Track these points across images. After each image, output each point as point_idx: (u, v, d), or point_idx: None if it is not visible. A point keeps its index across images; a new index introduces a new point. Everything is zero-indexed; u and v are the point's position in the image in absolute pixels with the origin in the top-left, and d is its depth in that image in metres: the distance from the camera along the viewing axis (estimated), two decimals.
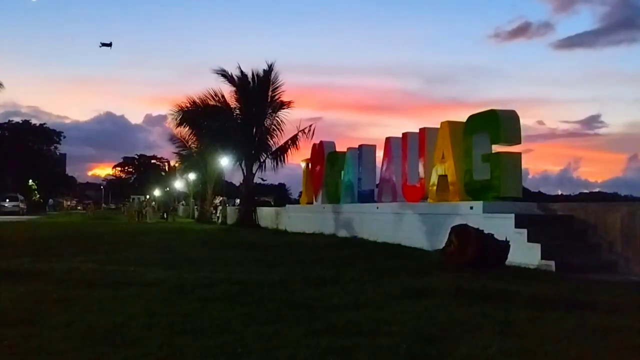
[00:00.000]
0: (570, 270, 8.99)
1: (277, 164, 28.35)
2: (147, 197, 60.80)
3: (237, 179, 36.78)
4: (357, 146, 19.12)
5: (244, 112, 27.46)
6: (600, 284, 7.84)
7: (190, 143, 37.80)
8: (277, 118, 27.78)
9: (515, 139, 12.32)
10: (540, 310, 5.57)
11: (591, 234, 10.35)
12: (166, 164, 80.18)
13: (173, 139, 40.17)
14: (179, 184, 58.54)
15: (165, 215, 42.91)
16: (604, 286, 7.63)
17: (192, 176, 46.80)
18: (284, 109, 27.72)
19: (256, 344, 4.27)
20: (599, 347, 4.24)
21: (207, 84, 39.69)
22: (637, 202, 12.18)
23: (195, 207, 47.76)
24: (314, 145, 22.96)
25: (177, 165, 54.35)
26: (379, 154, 18.03)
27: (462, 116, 13.50)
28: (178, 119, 27.90)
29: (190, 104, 27.50)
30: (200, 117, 27.85)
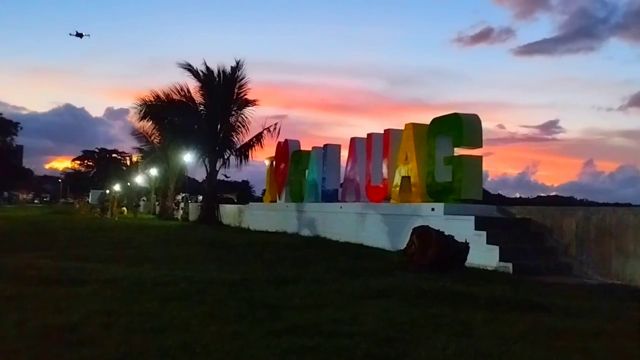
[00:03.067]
0: (527, 272, 9.21)
1: (241, 161, 28.20)
2: (108, 191, 59.60)
3: (200, 175, 36.41)
4: (322, 145, 19.17)
5: (209, 108, 27.19)
6: (555, 286, 8.06)
7: (153, 138, 37.29)
8: (242, 115, 27.64)
9: (477, 142, 12.55)
10: (497, 311, 5.68)
11: (547, 237, 10.62)
12: (127, 158, 78.73)
13: (135, 133, 39.57)
14: (140, 179, 57.57)
15: (125, 211, 42.14)
16: (559, 288, 7.85)
17: (154, 172, 46.10)
18: (249, 106, 27.61)
19: (216, 343, 4.23)
20: (552, 348, 4.35)
21: (171, 79, 39.37)
22: (592, 206, 12.56)
23: (157, 203, 47.08)
24: (279, 143, 22.93)
25: (138, 160, 53.47)
26: (344, 153, 18.16)
27: (426, 118, 13.75)
28: (141, 112, 27.46)
29: (154, 97, 27.10)
30: (164, 111, 27.46)
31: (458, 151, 12.69)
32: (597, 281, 9.02)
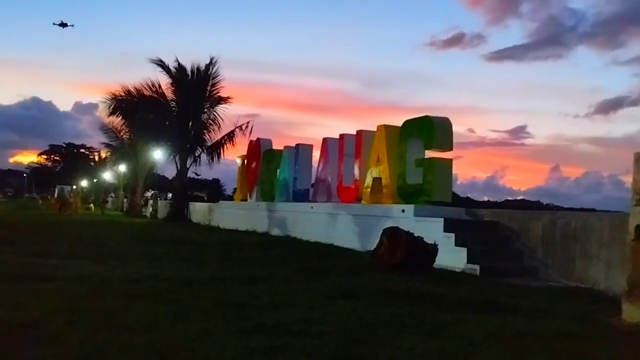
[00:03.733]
0: (494, 274, 9.33)
1: (212, 159, 28.04)
2: (75, 187, 58.58)
3: (170, 172, 36.09)
4: (294, 145, 19.14)
5: (181, 105, 26.93)
6: (521, 288, 8.19)
7: (122, 134, 36.71)
8: (214, 113, 27.48)
9: (448, 145, 12.69)
10: (464, 312, 5.75)
11: (514, 240, 10.78)
12: (96, 154, 77.42)
13: (104, 128, 38.89)
14: (108, 176, 56.68)
15: (92, 207, 41.45)
16: (524, 291, 7.98)
17: (122, 168, 45.41)
18: (222, 104, 27.46)
19: (183, 342, 4.18)
20: (517, 349, 4.41)
21: (143, 74, 38.76)
22: (558, 211, 12.81)
23: (125, 199, 46.42)
24: (251, 142, 22.83)
25: (107, 156, 52.62)
26: (316, 153, 18.17)
27: (398, 120, 13.87)
28: (111, 108, 27.09)
29: (124, 93, 26.75)
30: (134, 107, 27.10)
31: (429, 154, 12.81)
32: (561, 284, 9.19)
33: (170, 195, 36.33)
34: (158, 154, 31.78)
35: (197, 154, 27.72)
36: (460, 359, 4.09)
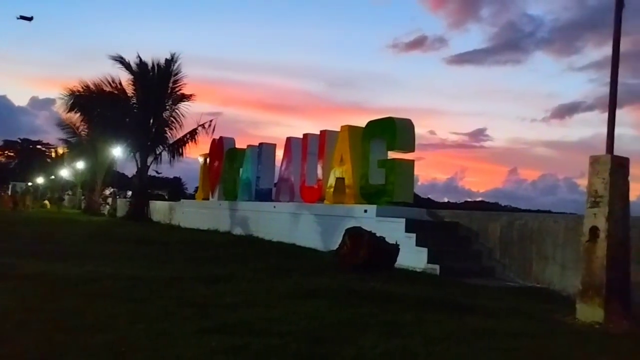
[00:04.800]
0: (454, 274, 9.48)
1: (173, 157, 27.61)
2: (30, 183, 56.98)
3: (130, 170, 35.38)
4: (257, 144, 19.06)
5: (142, 102, 26.47)
6: (479, 288, 8.35)
7: (80, 130, 35.80)
8: (176, 110, 27.06)
9: (410, 146, 12.84)
10: (424, 312, 5.83)
11: (474, 241, 10.98)
12: (53, 150, 75.32)
13: (62, 124, 37.80)
14: (66, 173, 55.31)
15: (48, 205, 40.41)
16: (483, 291, 8.14)
17: (80, 165, 44.38)
18: (184, 101, 27.07)
19: (143, 342, 4.12)
20: (476, 348, 4.51)
21: (102, 70, 37.75)
22: (515, 212, 13.11)
23: (83, 197, 45.39)
24: (214, 140, 22.61)
25: (65, 152, 51.30)
26: (279, 153, 18.12)
27: (362, 121, 13.89)
28: (69, 103, 26.38)
29: (83, 88, 26.09)
30: (93, 103, 26.47)
31: (391, 154, 12.94)
32: (518, 284, 9.40)
33: (129, 193, 35.70)
34: (118, 151, 31.17)
35: (158, 152, 27.30)
36: (420, 358, 4.14)
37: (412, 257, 10.02)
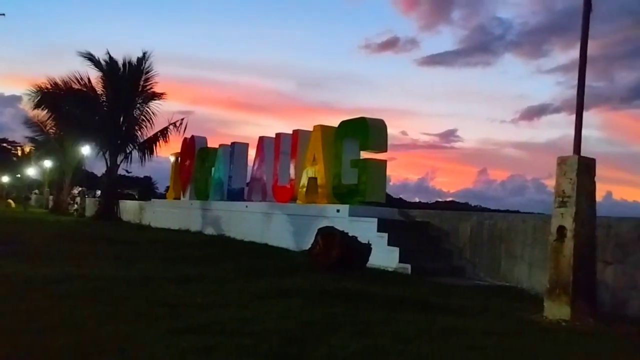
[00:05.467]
0: (425, 273, 9.58)
1: (144, 156, 27.27)
2: None
3: (99, 169, 34.78)
4: (229, 143, 18.94)
5: (112, 100, 26.06)
6: (450, 287, 8.44)
7: (48, 128, 35.06)
8: (147, 109, 26.74)
9: (382, 146, 12.92)
10: (396, 311, 5.87)
11: (444, 240, 11.10)
12: (19, 148, 73.60)
13: (28, 122, 36.97)
14: (32, 171, 54.13)
15: (13, 204, 39.51)
16: (453, 289, 8.23)
17: (48, 163, 43.48)
18: (155, 100, 26.76)
19: (112, 343, 4.05)
20: (446, 346, 4.55)
21: (71, 67, 37.10)
22: (485, 212, 13.29)
23: (51, 196, 44.50)
24: (185, 139, 22.40)
25: (31, 150, 50.20)
26: (251, 152, 18.04)
27: (334, 121, 13.93)
28: (36, 100, 25.82)
29: (51, 85, 25.58)
30: (61, 100, 25.97)
31: (364, 154, 13.00)
32: (488, 283, 9.53)
33: (99, 192, 35.12)
34: (86, 150, 30.65)
35: (128, 151, 26.92)
36: (392, 356, 4.17)
37: (384, 256, 10.09)
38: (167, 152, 25.51)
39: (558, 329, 5.86)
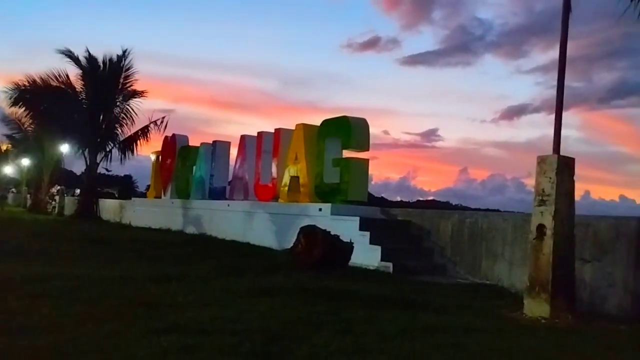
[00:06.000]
0: (406, 272, 9.62)
1: (124, 154, 27.00)
2: None
3: (79, 167, 34.41)
4: (211, 142, 18.84)
5: (91, 98, 25.76)
6: (431, 285, 8.49)
7: (26, 126, 34.55)
8: (127, 107, 26.47)
9: (364, 145, 12.95)
10: (377, 309, 5.89)
11: (426, 239, 11.16)
12: None
13: (5, 119, 36.40)
14: (9, 170, 53.28)
15: None
16: (434, 287, 8.28)
17: (26, 161, 42.84)
18: (136, 98, 26.49)
19: (91, 343, 4.01)
20: (428, 344, 4.57)
21: (50, 64, 36.52)
22: (466, 211, 13.38)
23: (29, 195, 43.85)
24: (166, 137, 22.21)
25: (8, 148, 49.43)
26: (233, 151, 17.96)
27: (316, 120, 13.93)
28: (13, 97, 25.42)
29: (29, 82, 25.20)
30: (40, 98, 25.58)
31: (346, 153, 13.01)
32: (468, 281, 9.60)
33: (78, 191, 34.71)
34: (65, 148, 30.26)
35: (108, 149, 26.64)
36: (374, 355, 4.18)
37: (366, 255, 10.11)
38: (148, 151, 25.32)
39: (537, 326, 5.93)
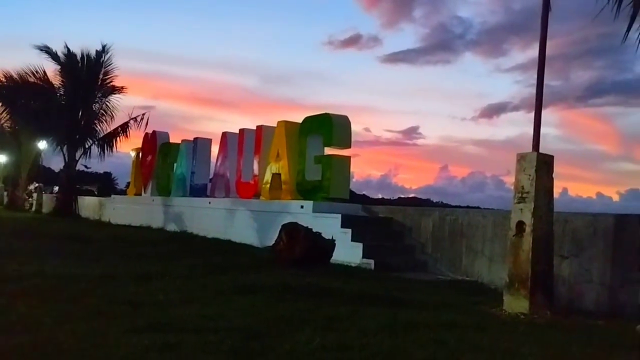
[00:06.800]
0: (388, 268, 9.67)
1: (104, 151, 26.68)
2: None
3: (57, 164, 33.93)
4: (192, 138, 18.72)
5: (70, 94, 25.40)
6: (412, 282, 8.55)
7: (3, 122, 33.99)
8: (107, 103, 26.14)
9: (346, 143, 12.97)
10: (359, 306, 5.91)
11: (407, 236, 11.23)
12: None
13: None
14: None
15: None
16: (415, 284, 8.34)
17: (2, 158, 42.16)
18: (115, 94, 26.17)
19: (71, 342, 3.97)
20: (409, 340, 4.61)
21: (27, 60, 35.86)
22: (447, 208, 13.48)
23: (6, 192, 43.18)
24: (146, 134, 22.03)
25: None
26: (214, 148, 17.86)
27: (298, 117, 13.90)
28: None
29: (6, 78, 24.77)
30: (17, 94, 25.17)
31: (328, 151, 13.02)
32: (449, 277, 9.68)
33: (56, 188, 34.24)
34: (43, 145, 29.84)
35: (87, 146, 26.31)
36: (355, 351, 4.19)
37: (348, 252, 10.14)
38: (128, 148, 25.05)
39: (517, 321, 6.01)
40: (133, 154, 22.99)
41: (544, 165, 6.67)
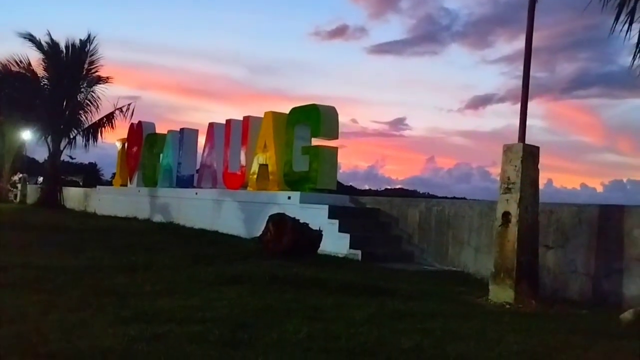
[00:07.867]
0: (375, 259, 9.72)
1: (89, 142, 26.45)
2: None
3: (41, 155, 33.64)
4: (178, 129, 18.61)
5: (54, 84, 25.11)
6: (399, 272, 8.59)
7: None
8: (92, 93, 25.87)
9: (334, 134, 12.96)
10: (346, 296, 5.93)
11: (394, 227, 11.27)
12: None
13: None
14: None
15: None
16: (402, 274, 8.38)
17: None
18: (101, 84, 25.90)
19: (56, 333, 3.94)
20: (396, 329, 4.64)
21: (10, 49, 35.39)
22: (433, 199, 13.55)
23: None
24: (132, 125, 21.85)
25: None
26: (201, 139, 17.76)
27: (285, 108, 13.86)
28: None
29: None
30: (0, 83, 24.85)
31: (315, 141, 13.01)
32: (435, 268, 9.75)
33: (41, 179, 33.91)
34: (27, 135, 29.50)
35: (72, 136, 26.06)
36: (342, 341, 4.21)
37: (335, 243, 10.16)
38: (113, 138, 24.81)
39: (502, 311, 6.06)
40: (119, 144, 22.82)
41: (530, 156, 6.72)
